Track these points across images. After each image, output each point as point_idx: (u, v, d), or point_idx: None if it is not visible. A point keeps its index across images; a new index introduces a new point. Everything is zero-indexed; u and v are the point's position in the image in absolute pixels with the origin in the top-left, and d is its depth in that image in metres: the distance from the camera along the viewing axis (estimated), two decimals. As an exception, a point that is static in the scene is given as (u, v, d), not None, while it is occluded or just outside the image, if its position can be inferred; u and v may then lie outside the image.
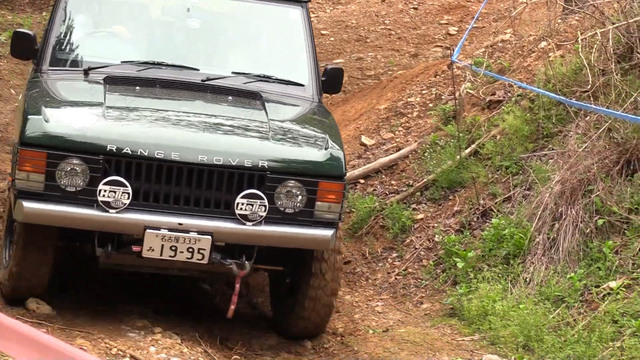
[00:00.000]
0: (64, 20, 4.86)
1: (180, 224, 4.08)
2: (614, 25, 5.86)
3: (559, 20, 7.30)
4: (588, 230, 5.22)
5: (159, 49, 4.99)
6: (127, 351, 3.88)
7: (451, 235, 5.69)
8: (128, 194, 4.01)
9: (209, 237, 4.09)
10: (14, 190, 4.09)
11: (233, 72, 4.84)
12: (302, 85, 4.93)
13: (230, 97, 4.72)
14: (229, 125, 4.52)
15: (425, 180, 6.40)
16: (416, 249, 5.97)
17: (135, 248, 4.09)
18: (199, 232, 4.09)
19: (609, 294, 4.89)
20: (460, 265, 5.34)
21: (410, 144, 6.95)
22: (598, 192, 5.25)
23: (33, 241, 4.17)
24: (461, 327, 5.02)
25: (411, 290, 5.74)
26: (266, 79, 4.85)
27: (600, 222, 5.14)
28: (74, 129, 4.05)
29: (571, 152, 5.60)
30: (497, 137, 6.48)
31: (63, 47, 4.81)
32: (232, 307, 4.35)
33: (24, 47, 4.68)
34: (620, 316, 4.66)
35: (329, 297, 4.50)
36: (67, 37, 4.87)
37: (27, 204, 3.95)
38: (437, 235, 5.80)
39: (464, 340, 4.91)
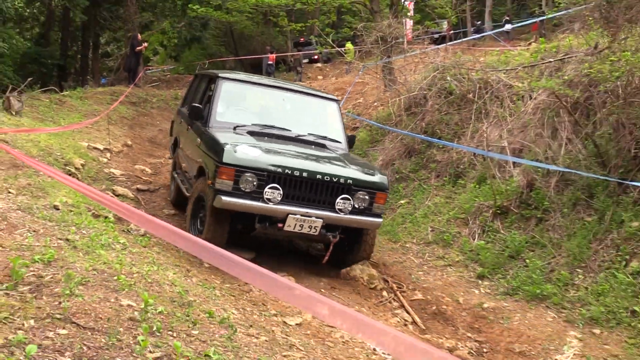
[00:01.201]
0: (219, 100, 5.75)
1: (306, 212, 4.81)
2: (404, 96, 9.04)
3: (382, 93, 10.61)
4: (393, 180, 7.99)
5: (270, 118, 5.84)
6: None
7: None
8: (280, 194, 4.73)
9: (321, 220, 4.84)
10: (212, 190, 4.75)
11: (309, 133, 5.79)
12: (340, 142, 5.96)
13: (313, 146, 5.55)
14: (325, 160, 5.19)
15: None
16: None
17: (279, 225, 4.81)
18: (316, 217, 4.83)
19: (400, 205, 7.54)
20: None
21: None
22: (396, 164, 8.18)
23: (219, 219, 4.86)
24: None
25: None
26: (324, 137, 5.86)
27: (397, 176, 8.00)
28: (250, 157, 4.73)
29: (386, 148, 8.70)
30: (357, 142, 9.07)
31: (221, 114, 5.67)
32: (326, 257, 5.18)
33: (198, 114, 5.64)
34: (405, 214, 7.32)
35: (370, 249, 5.51)
36: (222, 109, 5.74)
37: (224, 198, 4.68)
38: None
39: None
